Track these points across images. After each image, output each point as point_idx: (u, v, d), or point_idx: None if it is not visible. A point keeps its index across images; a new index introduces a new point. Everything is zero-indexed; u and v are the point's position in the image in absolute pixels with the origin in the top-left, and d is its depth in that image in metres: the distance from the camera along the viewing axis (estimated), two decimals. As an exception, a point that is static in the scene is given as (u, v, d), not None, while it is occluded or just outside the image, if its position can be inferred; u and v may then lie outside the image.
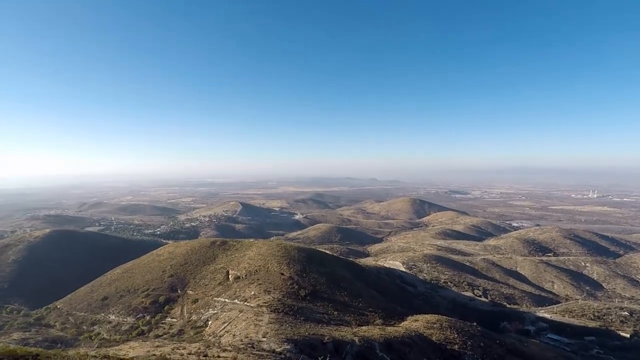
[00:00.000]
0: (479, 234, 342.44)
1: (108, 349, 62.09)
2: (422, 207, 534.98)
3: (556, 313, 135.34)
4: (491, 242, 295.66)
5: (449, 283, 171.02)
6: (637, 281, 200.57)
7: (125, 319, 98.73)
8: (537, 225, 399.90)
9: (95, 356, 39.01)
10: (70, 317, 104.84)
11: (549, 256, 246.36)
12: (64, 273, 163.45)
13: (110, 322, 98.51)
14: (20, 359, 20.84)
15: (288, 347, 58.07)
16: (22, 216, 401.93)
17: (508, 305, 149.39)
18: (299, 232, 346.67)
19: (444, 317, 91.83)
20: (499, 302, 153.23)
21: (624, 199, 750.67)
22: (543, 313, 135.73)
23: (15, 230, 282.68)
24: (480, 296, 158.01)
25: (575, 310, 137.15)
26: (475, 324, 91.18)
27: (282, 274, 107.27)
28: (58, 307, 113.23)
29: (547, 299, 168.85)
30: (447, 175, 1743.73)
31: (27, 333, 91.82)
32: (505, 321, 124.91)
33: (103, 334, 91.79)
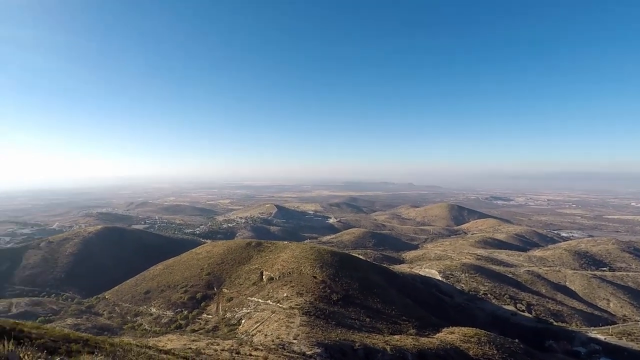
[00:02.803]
0: (523, 244, 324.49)
1: (149, 340, 65.13)
2: (461, 213, 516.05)
3: (611, 335, 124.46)
4: (537, 253, 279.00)
5: (489, 295, 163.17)
6: None
7: (165, 313, 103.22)
8: (590, 236, 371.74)
9: (137, 345, 40.91)
10: (116, 308, 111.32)
11: (604, 271, 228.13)
12: (112, 266, 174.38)
13: (151, 315, 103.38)
14: (72, 343, 22.36)
15: (318, 350, 57.96)
16: (78, 213, 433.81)
17: (555, 323, 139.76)
18: (333, 236, 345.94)
19: (483, 331, 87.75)
20: (544, 318, 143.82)
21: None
22: (596, 334, 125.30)
23: (72, 226, 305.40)
24: (523, 311, 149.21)
25: (634, 332, 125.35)
26: (517, 340, 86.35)
27: (315, 277, 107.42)
28: (106, 297, 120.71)
29: (601, 319, 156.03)
30: (488, 181, 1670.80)
31: (79, 319, 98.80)
32: (551, 340, 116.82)
33: (145, 325, 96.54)
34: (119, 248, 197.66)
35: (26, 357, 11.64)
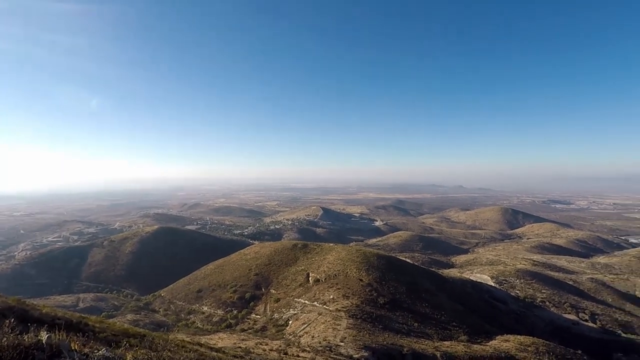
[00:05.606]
0: (585, 250, 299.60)
1: (201, 337, 68.43)
2: (515, 217, 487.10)
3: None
4: (601, 259, 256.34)
5: (547, 303, 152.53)
6: None
7: (216, 311, 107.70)
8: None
9: (190, 342, 43.26)
10: (171, 305, 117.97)
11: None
12: (167, 265, 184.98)
13: (203, 313, 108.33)
14: (131, 337, 24.29)
15: (365, 354, 57.62)
16: (137, 214, 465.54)
17: (624, 334, 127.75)
18: (379, 238, 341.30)
19: (541, 340, 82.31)
20: (611, 329, 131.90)
21: None
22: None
23: (131, 226, 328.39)
24: (586, 320, 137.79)
25: None
26: (580, 352, 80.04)
27: (361, 280, 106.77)
28: (162, 295, 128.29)
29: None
30: (545, 183, 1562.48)
31: (137, 315, 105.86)
32: (620, 353, 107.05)
33: (197, 323, 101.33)
34: (174, 247, 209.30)
35: (76, 346, 12.82)
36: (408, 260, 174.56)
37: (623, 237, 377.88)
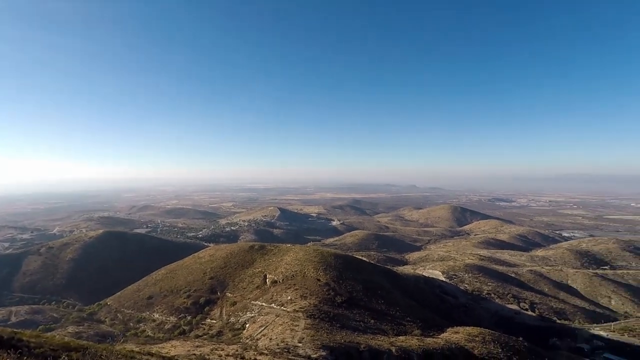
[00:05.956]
0: (526, 244, 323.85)
1: (152, 347, 65.06)
2: (464, 215, 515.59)
3: (614, 331, 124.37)
4: (539, 252, 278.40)
5: (492, 295, 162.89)
6: None
7: (168, 318, 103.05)
8: (591, 235, 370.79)
9: (140, 352, 40.88)
10: (118, 314, 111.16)
11: (605, 269, 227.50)
12: (114, 271, 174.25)
13: (154, 321, 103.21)
14: (72, 351, 22.37)
15: (324, 353, 57.83)
16: (79, 217, 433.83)
17: (558, 321, 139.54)
18: (336, 238, 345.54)
19: (487, 330, 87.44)
20: (548, 316, 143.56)
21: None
22: (598, 330, 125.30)
23: (72, 230, 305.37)
24: (526, 310, 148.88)
25: (636, 328, 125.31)
26: (521, 339, 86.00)
27: (319, 279, 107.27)
28: (108, 303, 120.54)
29: (603, 316, 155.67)
30: (490, 183, 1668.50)
31: (80, 327, 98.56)
32: (555, 337, 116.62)
33: (148, 332, 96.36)
34: (121, 253, 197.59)
35: None
36: (364, 259, 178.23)
37: (557, 232, 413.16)
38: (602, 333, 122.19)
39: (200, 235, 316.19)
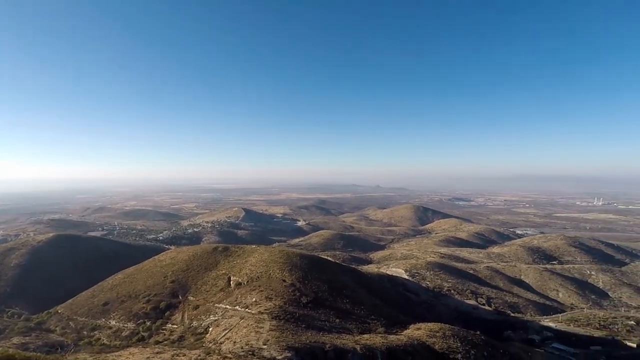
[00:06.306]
0: (483, 242, 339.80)
1: (107, 355, 61.83)
2: (426, 214, 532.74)
3: (561, 322, 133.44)
4: (495, 249, 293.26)
5: (452, 291, 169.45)
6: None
7: (125, 325, 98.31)
8: (542, 232, 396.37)
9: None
10: (70, 322, 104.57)
11: (554, 264, 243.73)
12: (66, 277, 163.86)
13: (110, 328, 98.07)
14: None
15: (289, 355, 57.49)
16: (26, 220, 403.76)
17: (512, 314, 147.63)
18: (302, 238, 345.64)
19: (447, 325, 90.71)
20: (503, 310, 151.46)
21: (629, 207, 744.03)
22: (548, 322, 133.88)
23: (18, 234, 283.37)
24: (483, 304, 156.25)
25: (580, 319, 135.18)
26: (478, 332, 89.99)
27: (284, 280, 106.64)
28: (59, 311, 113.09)
29: (552, 308, 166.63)
30: (450, 183, 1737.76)
31: (27, 337, 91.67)
32: (509, 330, 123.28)
33: (103, 340, 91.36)
34: (74, 258, 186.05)
35: None
36: (330, 259, 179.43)
37: (511, 229, 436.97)
38: (551, 324, 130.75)
39: (160, 238, 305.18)
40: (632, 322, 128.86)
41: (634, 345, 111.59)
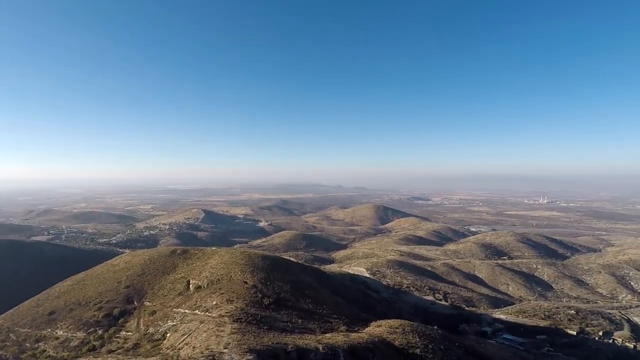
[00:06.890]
0: (440, 239, 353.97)
1: (54, 368, 57.82)
2: (386, 213, 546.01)
3: (511, 314, 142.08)
4: (451, 246, 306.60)
5: (412, 288, 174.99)
6: (583, 281, 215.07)
7: (74, 334, 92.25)
8: (494, 230, 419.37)
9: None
10: (11, 334, 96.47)
11: (504, 259, 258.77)
12: (6, 286, 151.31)
13: (57, 338, 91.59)
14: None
15: (250, 357, 56.64)
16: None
17: (467, 308, 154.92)
18: (264, 239, 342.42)
19: (407, 321, 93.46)
20: (458, 305, 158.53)
21: (570, 204, 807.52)
22: (499, 314, 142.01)
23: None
24: (441, 300, 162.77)
25: (528, 310, 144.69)
26: (436, 327, 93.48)
27: (246, 282, 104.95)
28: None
29: (503, 301, 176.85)
30: (409, 182, 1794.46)
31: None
32: (464, 323, 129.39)
33: (49, 351, 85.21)
34: (15, 265, 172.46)
35: None
36: (292, 259, 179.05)
37: (466, 227, 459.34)
38: (502, 316, 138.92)
39: (114, 241, 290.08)
40: (573, 312, 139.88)
41: (574, 333, 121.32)
